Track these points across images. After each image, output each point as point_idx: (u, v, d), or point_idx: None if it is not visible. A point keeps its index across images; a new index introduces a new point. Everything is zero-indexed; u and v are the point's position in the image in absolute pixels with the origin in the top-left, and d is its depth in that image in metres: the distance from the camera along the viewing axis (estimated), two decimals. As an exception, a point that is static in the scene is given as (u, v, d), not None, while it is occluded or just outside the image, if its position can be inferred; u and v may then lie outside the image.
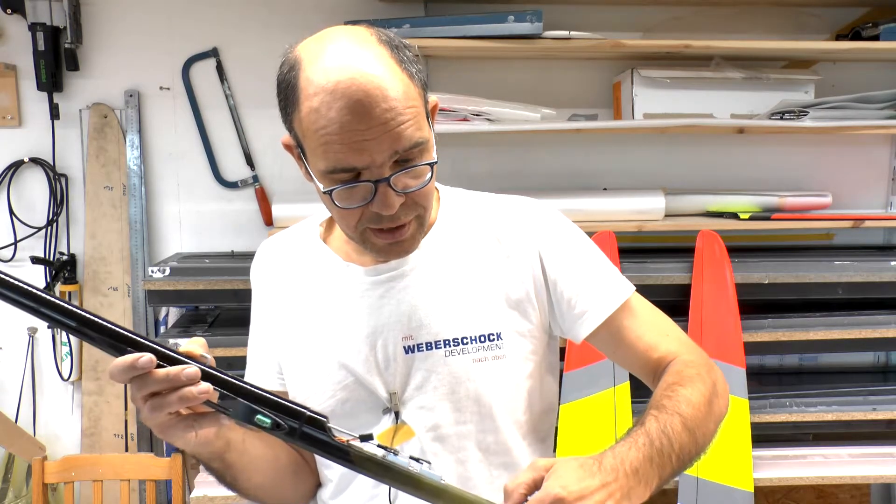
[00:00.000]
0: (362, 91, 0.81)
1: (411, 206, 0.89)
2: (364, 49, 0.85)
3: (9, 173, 2.17)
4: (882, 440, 2.09)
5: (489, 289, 0.99)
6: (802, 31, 2.22)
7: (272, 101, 0.97)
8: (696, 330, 1.93)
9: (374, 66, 0.83)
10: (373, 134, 0.82)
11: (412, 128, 0.84)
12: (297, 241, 1.08)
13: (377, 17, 2.05)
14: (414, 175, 0.87)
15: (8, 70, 2.13)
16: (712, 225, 2.03)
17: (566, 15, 2.10)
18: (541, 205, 1.05)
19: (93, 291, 2.21)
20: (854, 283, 2.00)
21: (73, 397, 2.27)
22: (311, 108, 0.84)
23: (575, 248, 1.02)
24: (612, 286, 1.01)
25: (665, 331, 1.01)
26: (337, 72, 0.83)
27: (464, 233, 1.01)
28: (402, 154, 0.84)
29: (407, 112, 0.84)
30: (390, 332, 0.97)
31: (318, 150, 0.85)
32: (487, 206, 1.04)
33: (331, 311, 1.01)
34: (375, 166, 0.84)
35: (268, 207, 2.19)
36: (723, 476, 1.91)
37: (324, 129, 0.83)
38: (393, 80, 0.83)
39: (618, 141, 2.24)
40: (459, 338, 0.97)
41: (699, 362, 0.97)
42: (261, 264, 1.10)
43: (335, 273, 1.01)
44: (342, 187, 0.85)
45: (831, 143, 2.29)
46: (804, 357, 2.33)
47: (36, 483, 1.95)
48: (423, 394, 0.97)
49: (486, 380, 0.97)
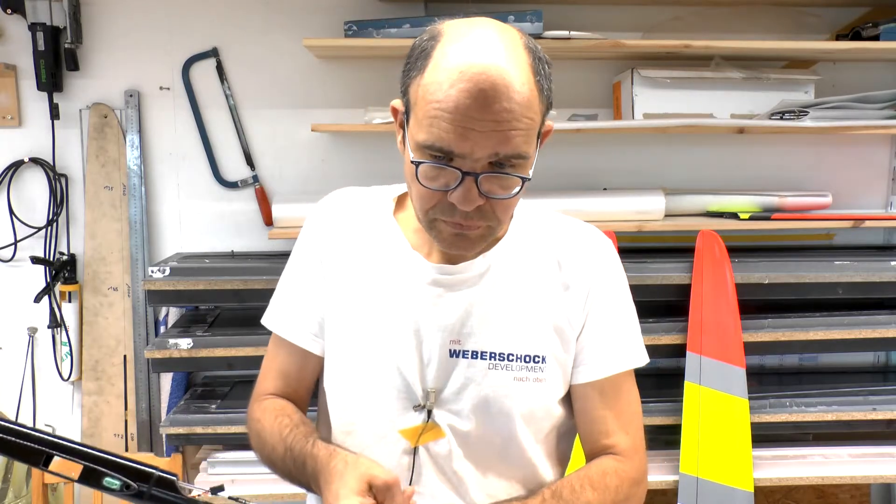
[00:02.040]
0: (490, 82, 0.81)
1: (487, 215, 0.88)
2: (507, 46, 0.84)
3: (9, 173, 2.17)
4: (882, 440, 2.09)
5: (541, 311, 0.99)
6: (802, 31, 2.22)
7: (272, 101, 0.97)
8: (696, 330, 1.94)
9: (511, 65, 0.82)
10: (483, 127, 0.81)
11: (521, 138, 0.84)
12: (368, 207, 1.05)
13: (377, 16, 2.05)
14: (502, 185, 0.86)
15: (8, 70, 2.13)
16: (712, 225, 2.03)
17: (566, 15, 2.10)
18: (605, 241, 1.04)
19: (93, 291, 2.21)
20: (854, 283, 1.99)
21: (73, 397, 2.27)
22: (434, 78, 0.83)
23: (617, 300, 1.03)
24: (620, 351, 1.01)
25: (627, 425, 1.02)
26: (473, 55, 0.82)
27: (528, 251, 1.01)
28: (501, 158, 0.84)
29: (523, 121, 0.83)
30: (439, 332, 0.97)
31: (424, 121, 0.84)
32: (555, 227, 1.04)
33: (386, 293, 0.99)
34: (472, 158, 0.83)
35: (268, 207, 2.19)
36: (723, 476, 1.91)
37: (438, 104, 0.82)
38: (522, 86, 0.83)
39: (618, 141, 2.24)
40: (506, 353, 0.97)
41: (630, 475, 0.99)
42: (326, 216, 1.07)
43: (399, 257, 1.00)
44: (432, 163, 0.85)
45: (831, 143, 2.29)
46: (804, 357, 2.33)
47: (36, 483, 1.95)
48: (459, 400, 0.97)
49: (523, 399, 0.97)
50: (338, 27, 2.06)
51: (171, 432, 1.93)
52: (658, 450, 1.99)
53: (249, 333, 1.96)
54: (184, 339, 1.94)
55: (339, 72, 2.19)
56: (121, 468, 0.72)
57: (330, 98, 2.20)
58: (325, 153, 2.23)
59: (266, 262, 2.05)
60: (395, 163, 2.47)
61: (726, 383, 1.92)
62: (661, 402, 1.96)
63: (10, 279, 2.22)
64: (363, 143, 2.22)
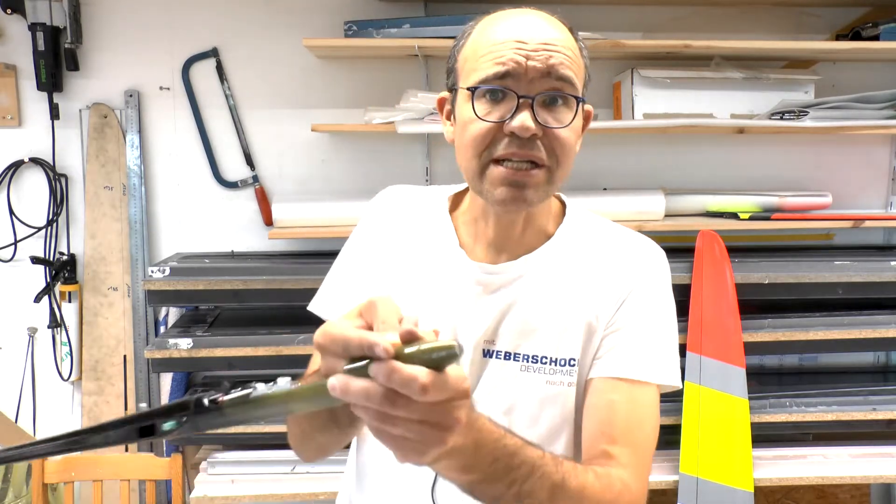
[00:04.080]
0: (534, 17, 0.90)
1: (547, 149, 0.88)
2: (546, 14, 0.92)
3: (9, 173, 2.17)
4: (882, 440, 2.09)
5: (577, 313, 0.96)
6: (802, 31, 2.22)
7: (272, 101, 0.97)
8: (696, 330, 1.94)
9: (552, 20, 0.91)
10: (534, 47, 0.86)
11: (569, 67, 0.88)
12: (424, 204, 1.05)
13: (377, 16, 2.05)
14: (556, 116, 0.88)
15: (8, 70, 2.13)
16: (712, 225, 2.03)
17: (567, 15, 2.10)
18: (657, 253, 1.01)
19: (93, 291, 2.21)
20: (854, 283, 1.99)
21: (73, 397, 2.27)
22: (481, 29, 0.91)
23: (655, 311, 0.97)
24: (646, 360, 0.95)
25: (634, 443, 0.93)
26: (515, 14, 0.91)
27: (576, 255, 0.98)
28: (554, 83, 0.87)
29: (569, 53, 0.89)
30: (475, 331, 0.96)
31: (479, 61, 0.88)
32: (608, 235, 1.02)
33: (429, 289, 0.99)
34: (526, 79, 0.86)
35: (268, 207, 2.19)
36: (723, 476, 1.91)
37: (490, 40, 0.88)
38: (563, 30, 0.91)
39: (618, 141, 2.24)
40: (539, 356, 0.95)
41: (621, 494, 0.87)
42: (382, 211, 1.07)
43: (446, 254, 0.99)
44: (488, 88, 0.87)
45: (831, 143, 2.29)
46: (804, 357, 2.33)
47: (36, 483, 1.95)
48: (489, 401, 0.95)
49: (553, 403, 0.95)
50: (338, 27, 2.06)
51: (171, 432, 1.93)
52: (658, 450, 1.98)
53: (249, 333, 1.96)
54: (184, 339, 1.94)
55: (339, 72, 2.19)
56: (163, 413, 0.67)
57: (330, 98, 2.20)
58: (325, 153, 2.23)
59: (266, 263, 2.05)
60: (395, 163, 2.48)
61: (726, 383, 1.92)
62: (661, 402, 1.96)
63: (10, 279, 2.22)
64: (363, 143, 2.22)
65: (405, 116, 1.99)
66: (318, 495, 1.88)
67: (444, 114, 0.98)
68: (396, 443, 0.61)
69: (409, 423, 0.59)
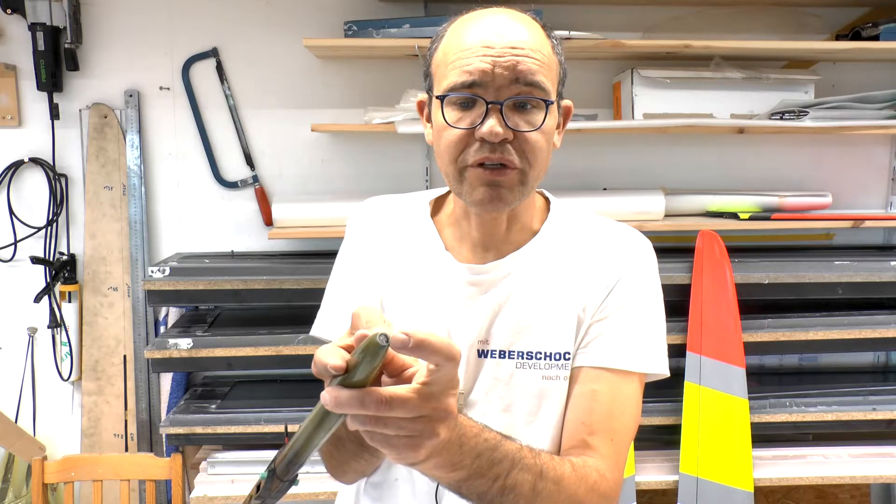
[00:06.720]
0: (504, 18, 0.89)
1: (518, 152, 0.89)
2: (517, 13, 0.92)
3: (9, 173, 2.17)
4: (882, 440, 2.09)
5: (567, 306, 0.96)
6: (802, 31, 2.22)
7: (272, 101, 0.98)
8: (696, 330, 1.94)
9: (522, 19, 0.91)
10: (501, 52, 0.86)
11: (539, 71, 0.87)
12: (406, 211, 1.06)
13: (377, 16, 2.05)
14: (526, 119, 0.88)
15: (8, 70, 2.13)
16: (712, 225, 2.03)
17: (566, 15, 2.10)
18: (642, 242, 1.02)
19: (93, 291, 2.21)
20: (854, 283, 1.99)
21: (72, 397, 2.27)
22: (452, 33, 0.92)
23: (642, 301, 0.98)
24: (630, 349, 0.95)
25: (613, 434, 0.93)
26: (486, 14, 0.91)
27: (562, 250, 0.99)
28: (523, 88, 0.87)
29: (539, 55, 0.88)
30: (469, 333, 0.96)
31: (448, 68, 0.89)
32: (594, 228, 1.02)
33: (421, 294, 0.99)
34: (494, 86, 0.86)
35: (267, 207, 2.19)
36: (723, 476, 1.91)
37: (458, 46, 0.89)
38: (534, 30, 0.90)
39: (618, 141, 2.24)
40: (533, 352, 0.96)
41: (596, 483, 0.88)
42: (367, 222, 1.07)
43: (433, 258, 1.00)
44: (457, 96, 0.88)
45: (831, 143, 2.29)
46: (804, 357, 2.33)
47: (36, 483, 1.95)
48: (488, 401, 0.95)
49: (551, 398, 0.95)
50: (338, 27, 2.06)
51: (170, 432, 1.93)
52: (658, 450, 1.99)
53: (249, 333, 1.96)
54: (184, 339, 1.94)
55: (339, 72, 2.19)
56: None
57: (330, 98, 2.20)
58: (325, 153, 2.23)
59: (266, 262, 2.05)
60: (395, 163, 2.48)
61: (726, 383, 1.92)
62: (661, 402, 1.96)
63: (9, 279, 2.22)
64: (363, 143, 2.22)
65: (405, 116, 1.99)
66: (319, 495, 1.88)
67: (423, 116, 0.99)
68: (390, 442, 0.63)
69: (403, 421, 0.61)
